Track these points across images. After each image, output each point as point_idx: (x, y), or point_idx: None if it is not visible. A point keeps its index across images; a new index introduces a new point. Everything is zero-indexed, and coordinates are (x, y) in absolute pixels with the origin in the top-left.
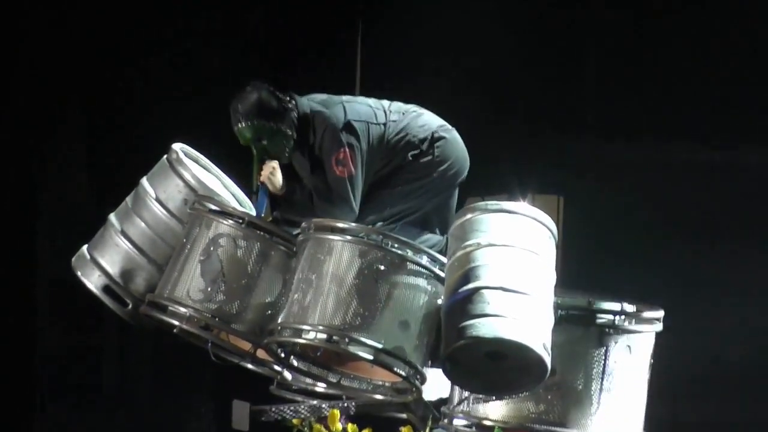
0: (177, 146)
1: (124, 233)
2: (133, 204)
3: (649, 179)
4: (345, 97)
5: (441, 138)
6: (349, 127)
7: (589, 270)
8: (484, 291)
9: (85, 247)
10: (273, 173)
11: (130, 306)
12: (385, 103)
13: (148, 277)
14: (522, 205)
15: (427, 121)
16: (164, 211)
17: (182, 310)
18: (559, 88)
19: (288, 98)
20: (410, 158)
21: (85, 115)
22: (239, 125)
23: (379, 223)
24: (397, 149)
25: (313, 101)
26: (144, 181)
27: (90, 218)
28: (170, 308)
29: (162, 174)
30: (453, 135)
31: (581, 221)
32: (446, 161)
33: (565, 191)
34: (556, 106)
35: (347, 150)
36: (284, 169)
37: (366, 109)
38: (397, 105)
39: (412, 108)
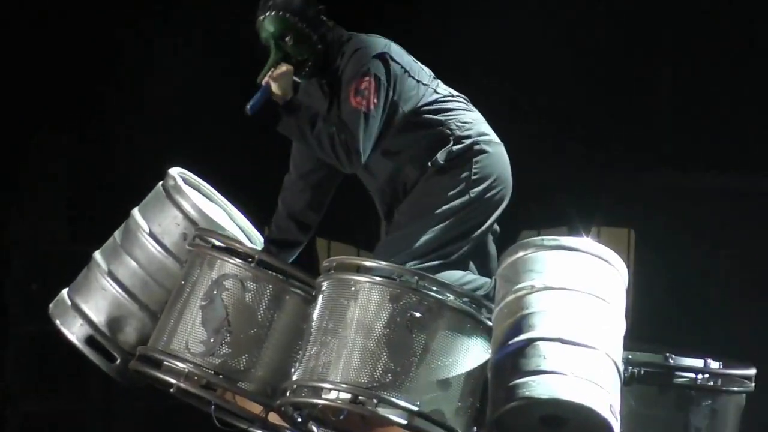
0: (174, 171)
1: (111, 274)
2: (122, 239)
3: (733, 212)
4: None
5: (482, 151)
6: (383, 58)
7: (665, 318)
8: (539, 343)
9: (65, 292)
10: (283, 75)
11: (119, 361)
12: (436, 81)
13: (140, 326)
14: (585, 241)
15: (474, 120)
16: (159, 248)
17: (180, 365)
18: (629, 111)
19: (327, 18)
20: (441, 162)
21: (63, 127)
22: (267, 14)
23: (413, 262)
24: (424, 130)
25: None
26: (135, 212)
27: (69, 257)
28: (166, 363)
29: (157, 204)
30: (498, 150)
31: (655, 259)
32: (486, 179)
33: (636, 224)
34: (626, 130)
35: (372, 80)
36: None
37: (411, 61)
38: (448, 88)
39: (463, 99)
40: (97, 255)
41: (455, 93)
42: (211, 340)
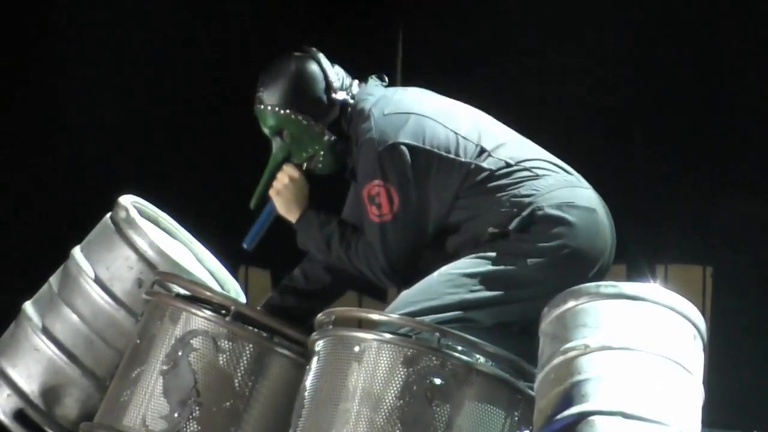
0: (126, 200)
1: (46, 331)
2: (60, 287)
3: None
4: (430, 109)
5: (555, 219)
6: (393, 150)
7: (753, 382)
8: (595, 418)
9: None
10: (290, 185)
11: None
12: (496, 138)
13: (84, 396)
14: (653, 288)
15: (539, 190)
16: (107, 298)
17: None
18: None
19: (351, 82)
20: (489, 236)
21: None
22: (258, 106)
23: (434, 316)
24: (472, 211)
25: (382, 98)
26: (76, 252)
27: None
28: None
29: (104, 241)
30: (583, 217)
31: (738, 303)
32: (557, 251)
33: (713, 260)
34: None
35: (383, 184)
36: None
37: (444, 135)
38: (509, 147)
39: (538, 161)
40: (28, 306)
41: (520, 158)
42: (175, 415)
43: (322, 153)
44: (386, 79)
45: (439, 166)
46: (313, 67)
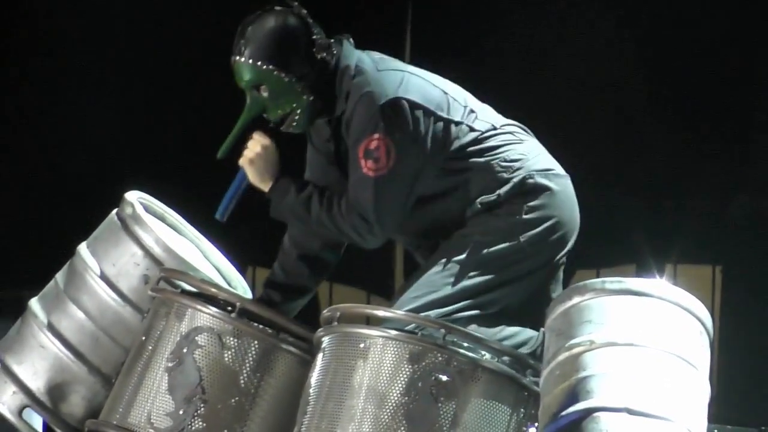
0: (132, 196)
1: (52, 328)
2: (66, 284)
3: None
4: (415, 69)
5: (537, 188)
6: (395, 105)
7: (761, 379)
8: (600, 414)
9: None
10: (262, 153)
11: None
12: (475, 102)
13: (89, 394)
14: (659, 284)
15: (525, 154)
16: (113, 294)
17: None
18: (712, 127)
19: (330, 42)
20: (479, 206)
21: None
22: (237, 58)
23: (438, 311)
24: (465, 174)
25: (365, 57)
26: (82, 248)
27: None
28: None
29: (110, 238)
30: (561, 184)
31: (747, 303)
32: (541, 221)
33: (723, 260)
34: (708, 147)
35: (383, 137)
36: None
37: (437, 94)
38: (494, 114)
39: (513, 129)
40: (34, 303)
41: (501, 122)
42: (181, 412)
43: (298, 112)
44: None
45: (434, 124)
46: (298, 23)
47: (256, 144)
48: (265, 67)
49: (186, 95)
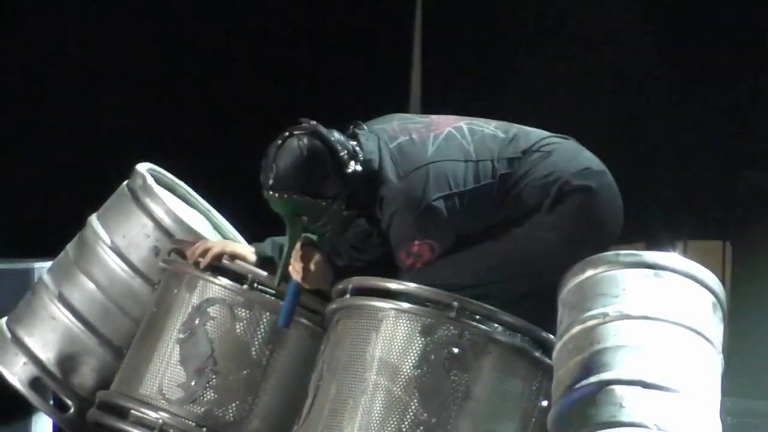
0: (143, 167)
1: (62, 299)
2: (76, 255)
3: None
4: (432, 148)
5: (581, 189)
6: (428, 210)
7: None
8: (615, 387)
9: (3, 322)
10: (314, 270)
11: (73, 410)
12: (500, 133)
13: (100, 365)
14: (672, 257)
15: (555, 166)
16: (124, 266)
17: (152, 415)
18: (720, 102)
19: (354, 149)
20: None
21: None
22: (269, 193)
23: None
24: (504, 205)
25: (385, 154)
26: (93, 219)
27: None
28: (134, 413)
29: (120, 209)
30: (601, 181)
31: (758, 278)
32: (588, 220)
33: (733, 235)
34: (719, 123)
35: (423, 241)
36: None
37: (461, 169)
38: (517, 140)
39: (541, 141)
40: (45, 275)
41: (525, 146)
42: (192, 384)
43: (341, 227)
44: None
45: (470, 200)
46: (321, 145)
47: (308, 263)
48: (299, 199)
49: (201, 75)
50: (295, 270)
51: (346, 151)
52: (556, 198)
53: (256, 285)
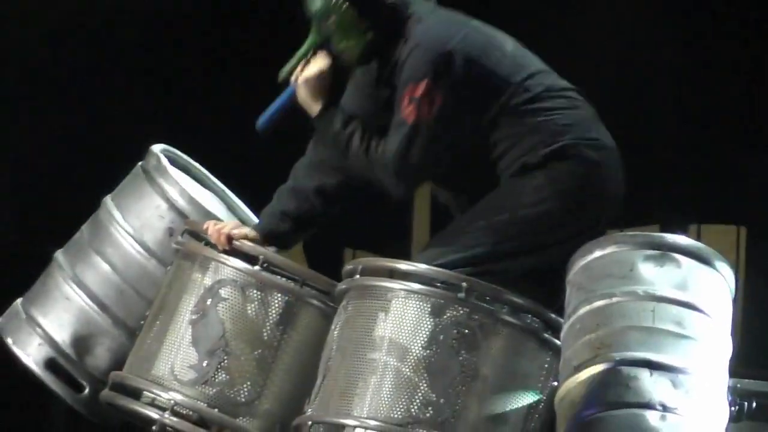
0: (157, 148)
1: (77, 280)
2: (91, 236)
3: None
4: (482, 26)
5: (577, 156)
6: (449, 58)
7: None
8: (621, 368)
9: (18, 302)
10: (318, 76)
11: (87, 390)
12: (537, 64)
13: (114, 346)
14: (680, 238)
15: (575, 122)
16: (138, 247)
17: (165, 396)
18: (734, 84)
19: None
20: (520, 166)
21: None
22: None
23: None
24: (512, 130)
25: (436, 8)
26: (108, 200)
27: (22, 257)
28: (147, 393)
29: (135, 190)
30: (606, 156)
31: None
32: (575, 191)
33: (747, 220)
34: (732, 105)
35: (430, 86)
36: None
37: (496, 54)
38: (555, 77)
39: (568, 94)
40: (60, 255)
41: (559, 86)
42: (204, 364)
43: (359, 47)
44: None
45: (486, 81)
46: None
47: (315, 66)
48: (335, 0)
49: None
50: (299, 73)
51: None
52: (556, 154)
53: (267, 266)
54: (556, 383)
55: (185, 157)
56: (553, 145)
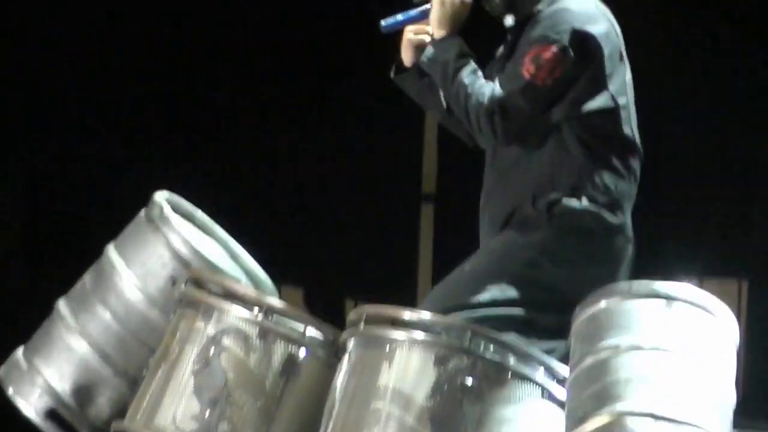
0: (161, 196)
1: (79, 329)
2: (93, 284)
3: None
4: (619, 30)
5: (596, 231)
6: (586, 37)
7: None
8: (626, 419)
9: (19, 351)
10: (458, 3)
11: None
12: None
13: (116, 395)
14: (685, 288)
15: (614, 193)
16: (141, 295)
17: None
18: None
19: None
20: (543, 203)
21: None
22: None
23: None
24: (565, 144)
25: None
26: (111, 249)
27: (25, 306)
28: None
29: (138, 239)
30: (621, 250)
31: None
32: (585, 265)
33: (749, 274)
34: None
35: (559, 53)
36: None
37: (619, 71)
38: (633, 118)
39: (631, 158)
40: (62, 304)
41: (631, 140)
42: (206, 415)
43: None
44: None
45: (599, 84)
46: None
47: None
48: None
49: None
50: (442, 0)
51: None
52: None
53: (270, 314)
54: None
55: (188, 204)
56: (575, 196)
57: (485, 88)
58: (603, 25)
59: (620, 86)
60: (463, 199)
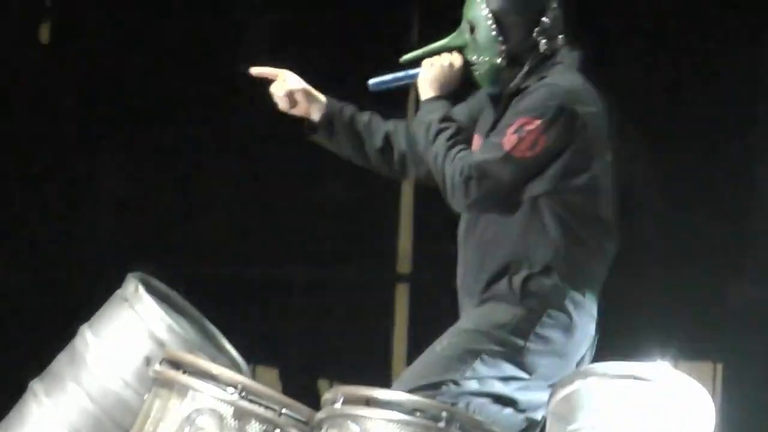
0: (135, 277)
1: (53, 409)
2: (67, 365)
3: None
4: (607, 114)
5: (565, 323)
6: (574, 116)
7: None
8: None
9: None
10: (448, 67)
11: None
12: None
13: None
14: (660, 369)
15: (591, 273)
16: (115, 376)
17: None
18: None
19: (557, 34)
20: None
21: None
22: None
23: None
24: (542, 219)
25: (573, 63)
26: (85, 329)
27: None
28: None
29: (112, 318)
30: (584, 321)
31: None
32: (552, 354)
33: (723, 356)
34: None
35: (543, 130)
36: None
37: (601, 155)
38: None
39: (612, 238)
40: (35, 385)
41: (609, 226)
42: None
43: (486, 68)
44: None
45: (577, 163)
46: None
47: (450, 57)
48: (487, 13)
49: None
50: (431, 63)
51: (551, 28)
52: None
53: (245, 394)
54: None
55: (163, 285)
56: (553, 277)
57: (464, 152)
58: (591, 106)
59: (602, 169)
60: (438, 279)
